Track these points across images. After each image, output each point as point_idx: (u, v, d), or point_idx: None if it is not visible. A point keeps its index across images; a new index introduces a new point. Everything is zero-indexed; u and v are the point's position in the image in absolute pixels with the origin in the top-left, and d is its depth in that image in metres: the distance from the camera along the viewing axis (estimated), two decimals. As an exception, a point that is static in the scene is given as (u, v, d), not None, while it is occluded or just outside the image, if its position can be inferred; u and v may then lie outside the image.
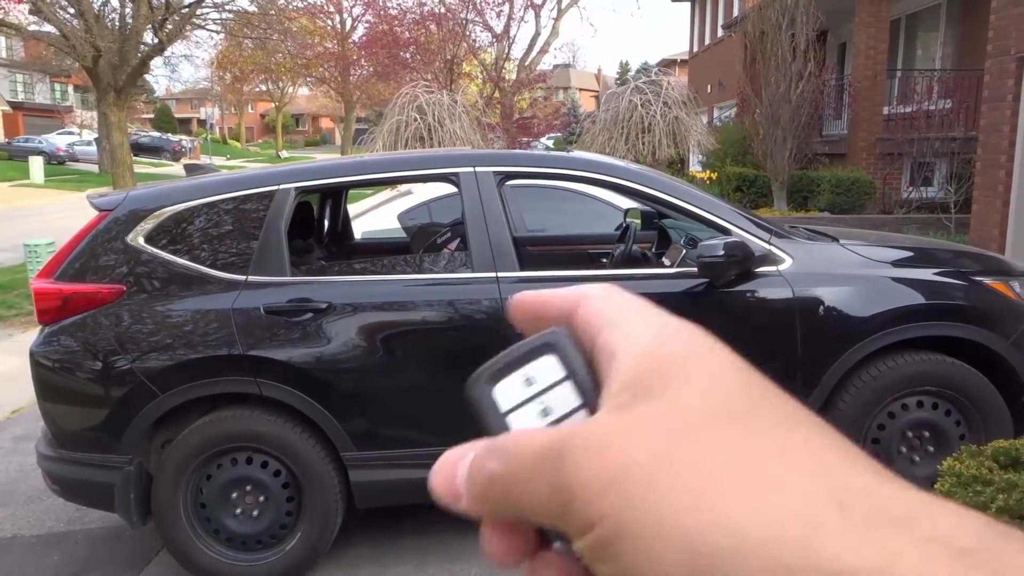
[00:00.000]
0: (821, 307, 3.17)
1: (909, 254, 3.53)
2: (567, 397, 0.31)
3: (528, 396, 0.31)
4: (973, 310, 3.26)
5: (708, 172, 15.64)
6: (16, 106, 44.63)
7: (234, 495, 3.12)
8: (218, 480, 3.11)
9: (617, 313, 0.31)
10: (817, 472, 0.26)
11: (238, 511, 3.13)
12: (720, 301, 3.16)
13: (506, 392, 0.32)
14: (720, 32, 21.50)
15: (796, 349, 3.14)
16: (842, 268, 3.27)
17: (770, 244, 3.26)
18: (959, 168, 11.24)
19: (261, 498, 3.13)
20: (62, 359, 3.10)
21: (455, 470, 0.31)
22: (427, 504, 3.53)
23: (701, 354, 0.29)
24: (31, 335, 3.28)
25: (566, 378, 0.31)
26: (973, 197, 8.85)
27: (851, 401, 3.19)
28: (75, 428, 3.15)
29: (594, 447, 0.27)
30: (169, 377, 3.03)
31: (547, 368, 0.31)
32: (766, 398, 0.28)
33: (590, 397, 0.31)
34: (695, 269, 3.14)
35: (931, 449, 3.27)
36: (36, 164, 29.30)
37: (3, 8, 17.83)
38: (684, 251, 3.62)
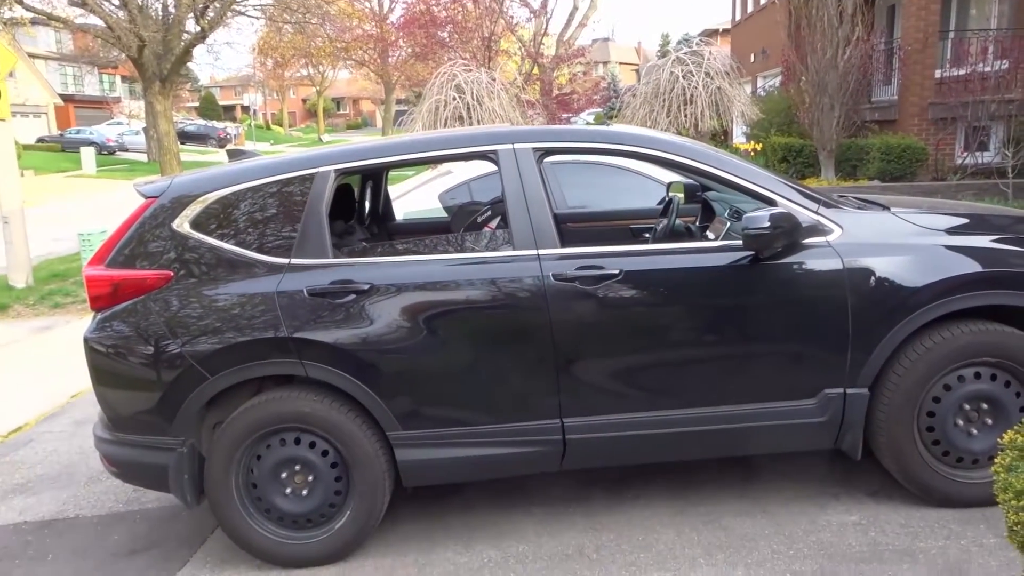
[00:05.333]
0: (872, 278, 3.07)
1: (964, 221, 3.40)
2: None
3: None
4: (1034, 278, 3.14)
5: (752, 143, 15.33)
6: (67, 98, 45.74)
7: (283, 475, 3.17)
8: (268, 460, 3.16)
9: None
10: None
11: (288, 490, 3.18)
12: (766, 274, 3.09)
13: None
14: (763, -1, 20.95)
15: (846, 322, 3.06)
16: (894, 237, 3.17)
17: (818, 214, 3.17)
18: (1017, 131, 10.84)
19: (310, 477, 3.17)
20: (115, 344, 3.17)
21: None
22: (473, 481, 3.55)
23: None
24: (86, 321, 3.36)
25: None
26: (1032, 161, 8.52)
27: (904, 374, 3.10)
28: (129, 411, 3.22)
29: None
30: (217, 360, 3.08)
31: None
32: None
33: None
34: (740, 242, 3.07)
35: (989, 422, 3.17)
36: (88, 155, 30.07)
37: (51, 3, 18.22)
38: (728, 224, 3.55)
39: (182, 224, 3.19)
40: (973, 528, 3.09)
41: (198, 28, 17.98)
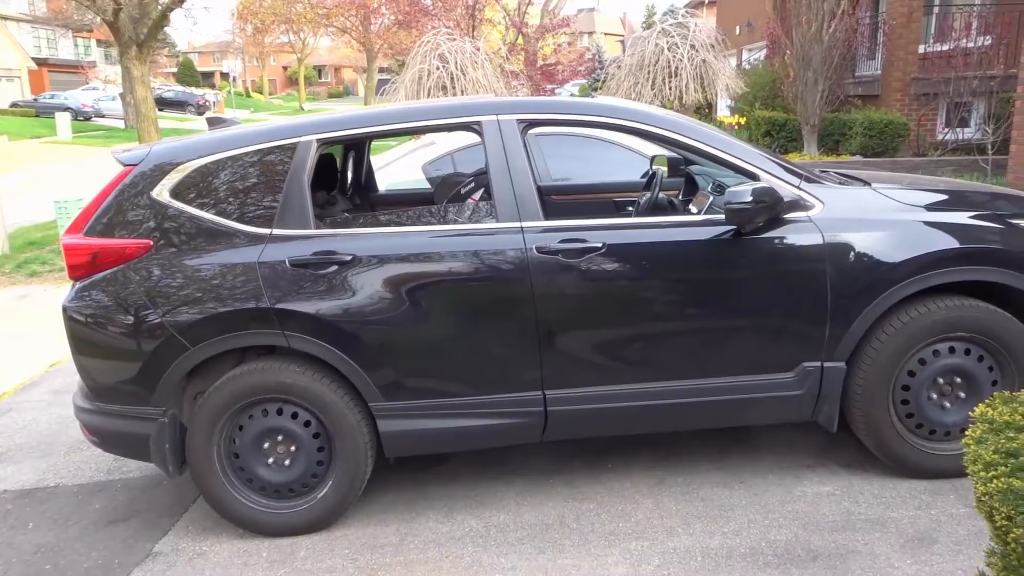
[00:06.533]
0: (852, 253, 3.11)
1: (944, 197, 3.43)
2: None
3: None
4: (1009, 254, 3.18)
5: (736, 117, 15.34)
6: (40, 62, 44.74)
7: (266, 445, 3.18)
8: (250, 430, 3.17)
9: None
10: None
11: (270, 460, 3.19)
12: (748, 248, 3.11)
13: None
14: (749, -30, 20.80)
15: (826, 296, 3.10)
16: (874, 213, 3.19)
17: (800, 189, 3.19)
18: (997, 108, 10.89)
19: (292, 448, 3.18)
20: (94, 314, 3.14)
21: None
22: (455, 452, 3.58)
23: None
24: (64, 290, 3.33)
25: None
26: (1011, 137, 8.59)
27: (881, 348, 3.15)
28: (109, 381, 3.20)
29: None
30: (198, 330, 3.06)
31: None
32: None
33: None
34: (722, 216, 3.09)
35: (962, 396, 3.23)
36: (63, 121, 29.50)
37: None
38: (711, 198, 3.56)
39: (161, 193, 3.16)
40: (943, 499, 3.16)
41: (176, -9, 17.62)
